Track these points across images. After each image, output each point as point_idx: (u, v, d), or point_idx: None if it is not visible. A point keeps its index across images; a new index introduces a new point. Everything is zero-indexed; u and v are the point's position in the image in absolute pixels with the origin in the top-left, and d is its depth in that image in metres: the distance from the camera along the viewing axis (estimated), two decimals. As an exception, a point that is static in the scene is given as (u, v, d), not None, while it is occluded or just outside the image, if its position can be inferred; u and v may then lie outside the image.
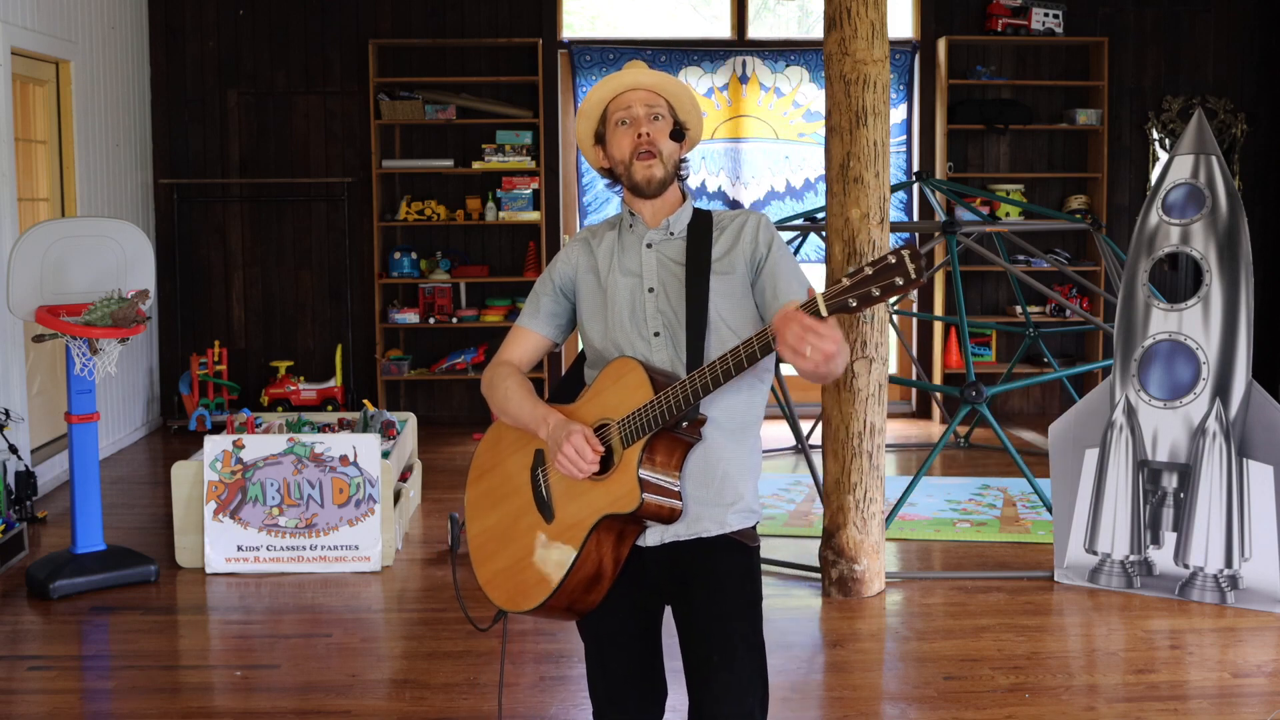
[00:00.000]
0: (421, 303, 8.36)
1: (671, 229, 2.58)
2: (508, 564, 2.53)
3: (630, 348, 2.51)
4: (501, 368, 2.64)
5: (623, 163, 2.56)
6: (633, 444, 2.37)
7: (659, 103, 2.58)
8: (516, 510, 2.54)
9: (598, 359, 2.58)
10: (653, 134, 2.53)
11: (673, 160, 2.56)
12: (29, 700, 3.96)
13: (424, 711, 3.84)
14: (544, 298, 2.66)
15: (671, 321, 2.51)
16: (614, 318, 2.55)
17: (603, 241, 2.63)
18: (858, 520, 4.80)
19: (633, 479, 2.35)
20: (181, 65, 8.30)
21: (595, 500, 2.40)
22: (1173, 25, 8.56)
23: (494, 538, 2.57)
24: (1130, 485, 4.87)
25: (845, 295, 2.09)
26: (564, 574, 2.41)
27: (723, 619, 2.48)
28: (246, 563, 5.19)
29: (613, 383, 2.44)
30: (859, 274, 2.09)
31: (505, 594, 2.52)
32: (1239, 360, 4.70)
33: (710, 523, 2.50)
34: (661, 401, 2.34)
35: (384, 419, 5.90)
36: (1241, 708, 3.87)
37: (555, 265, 2.67)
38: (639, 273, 2.56)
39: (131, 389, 7.90)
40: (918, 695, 3.97)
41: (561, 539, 2.44)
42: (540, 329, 2.67)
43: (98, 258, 5.11)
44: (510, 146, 8.22)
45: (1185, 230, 4.80)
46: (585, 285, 2.62)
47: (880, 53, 4.69)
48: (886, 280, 2.06)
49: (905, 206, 8.59)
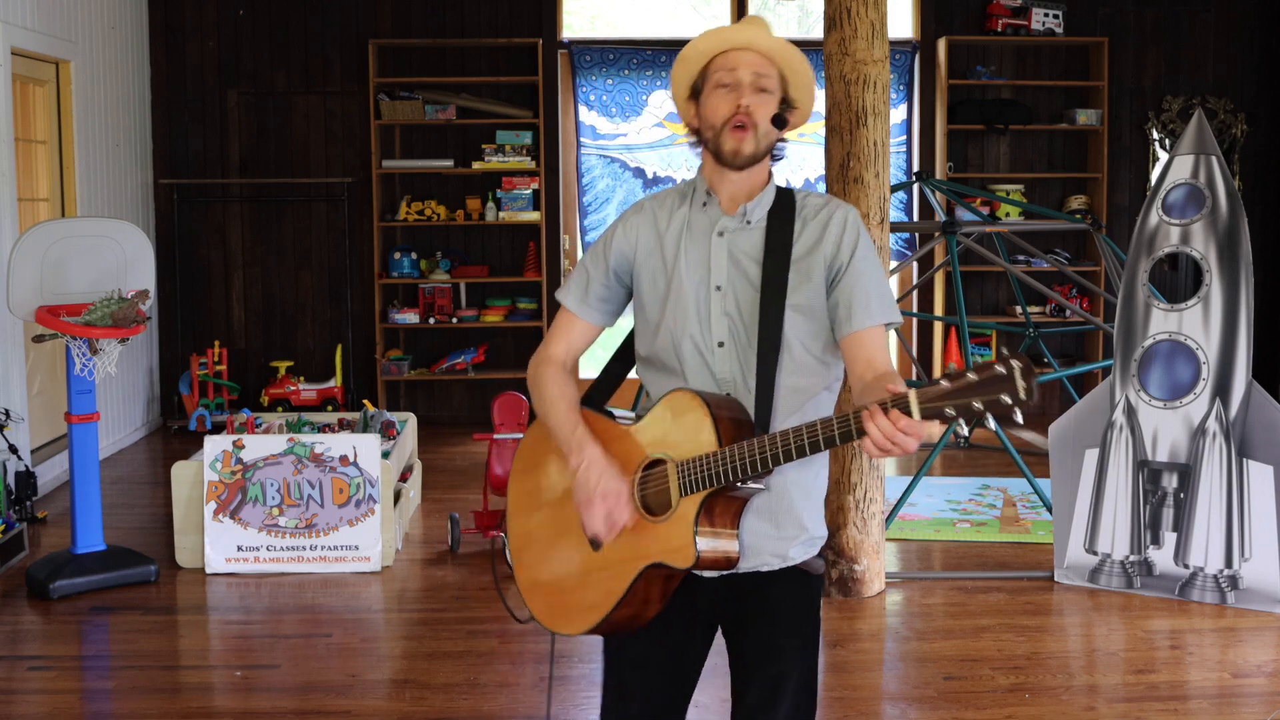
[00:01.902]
0: (421, 303, 8.36)
1: (749, 216, 2.26)
2: (549, 579, 2.35)
3: (693, 356, 2.25)
4: (546, 367, 2.35)
5: (713, 128, 2.24)
6: (691, 494, 2.13)
7: (770, 71, 2.24)
8: (561, 525, 2.33)
9: (655, 359, 2.31)
10: (753, 107, 2.21)
11: (769, 139, 2.24)
12: (29, 700, 3.96)
13: (424, 711, 3.84)
14: (595, 280, 2.34)
15: (738, 330, 2.24)
16: (678, 316, 2.25)
17: (672, 219, 2.30)
18: (858, 520, 4.80)
19: (688, 535, 2.12)
20: (181, 65, 8.30)
21: (646, 544, 2.19)
22: (1173, 25, 8.56)
23: (535, 545, 2.38)
24: (1130, 485, 4.87)
25: (943, 403, 1.87)
26: (611, 607, 2.22)
27: (774, 658, 2.30)
28: (246, 563, 5.19)
29: (673, 416, 2.18)
30: (961, 380, 1.86)
31: (545, 610, 2.35)
32: (1239, 360, 4.70)
33: (771, 556, 2.28)
34: (727, 459, 2.09)
35: (384, 419, 5.90)
36: (1241, 708, 3.87)
37: (612, 239, 2.33)
38: (706, 265, 2.26)
39: (131, 389, 7.90)
40: (918, 695, 3.97)
41: (609, 572, 2.23)
42: (591, 317, 2.36)
43: (98, 258, 5.11)
44: (510, 146, 8.22)
45: (1185, 230, 4.80)
46: (647, 269, 2.31)
47: (880, 53, 4.69)
48: (992, 396, 1.83)
49: (905, 206, 8.59)
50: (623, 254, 2.32)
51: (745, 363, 2.24)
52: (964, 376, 1.87)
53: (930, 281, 8.53)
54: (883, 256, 4.77)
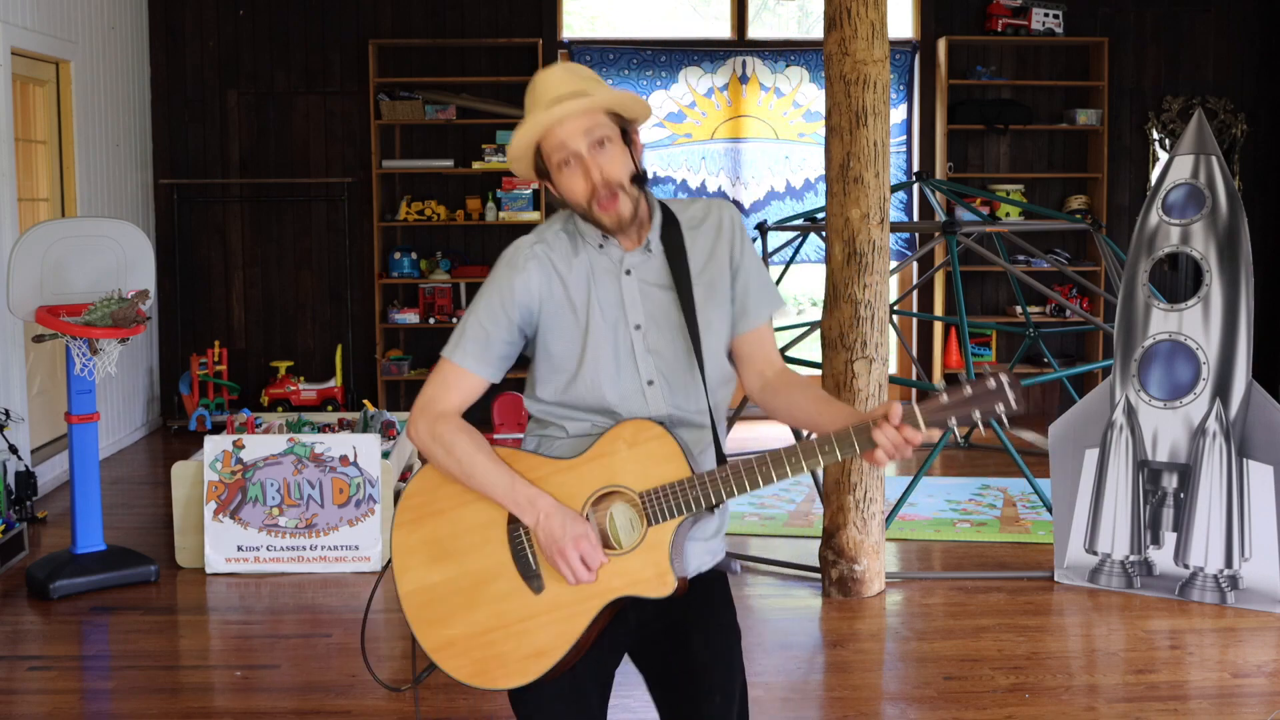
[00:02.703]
0: (421, 303, 8.36)
1: (650, 246, 2.21)
2: (473, 631, 2.18)
3: (621, 404, 2.19)
4: (444, 424, 2.20)
5: (581, 207, 2.16)
6: (660, 523, 2.11)
7: (597, 121, 2.13)
8: (485, 572, 2.18)
9: (573, 405, 2.22)
10: (605, 172, 2.12)
11: (632, 184, 2.15)
12: (29, 700, 3.96)
13: (424, 711, 3.83)
14: (495, 339, 2.21)
15: (665, 363, 2.20)
16: (600, 363, 2.18)
17: (573, 267, 2.20)
18: (858, 520, 4.80)
19: (664, 564, 2.11)
20: (181, 65, 8.30)
21: (607, 578, 2.13)
22: (1173, 25, 8.56)
23: (447, 598, 2.20)
24: (1130, 485, 4.87)
25: (946, 413, 2.08)
26: (565, 651, 2.14)
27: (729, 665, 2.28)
28: (246, 563, 5.19)
29: (628, 447, 2.13)
30: (958, 394, 2.08)
31: (470, 666, 2.18)
32: (1239, 360, 4.70)
33: (705, 556, 2.28)
34: (706, 484, 2.10)
35: (384, 419, 5.90)
36: (1241, 708, 3.87)
37: (511, 294, 2.19)
38: (620, 306, 2.20)
39: (131, 389, 7.90)
40: (918, 695, 3.97)
41: (558, 613, 2.15)
42: (487, 374, 2.23)
43: (98, 258, 5.11)
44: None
45: (1185, 230, 4.80)
46: (555, 322, 2.20)
47: (880, 53, 4.69)
48: (988, 406, 2.07)
49: (905, 206, 8.59)
50: (526, 308, 2.20)
51: (677, 397, 2.21)
52: (960, 390, 2.08)
53: (930, 281, 8.53)
54: (882, 257, 4.77)
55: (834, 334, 4.78)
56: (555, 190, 2.19)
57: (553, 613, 2.15)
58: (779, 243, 7.64)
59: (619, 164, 2.14)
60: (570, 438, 2.24)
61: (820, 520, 5.29)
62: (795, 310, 11.46)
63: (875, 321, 4.75)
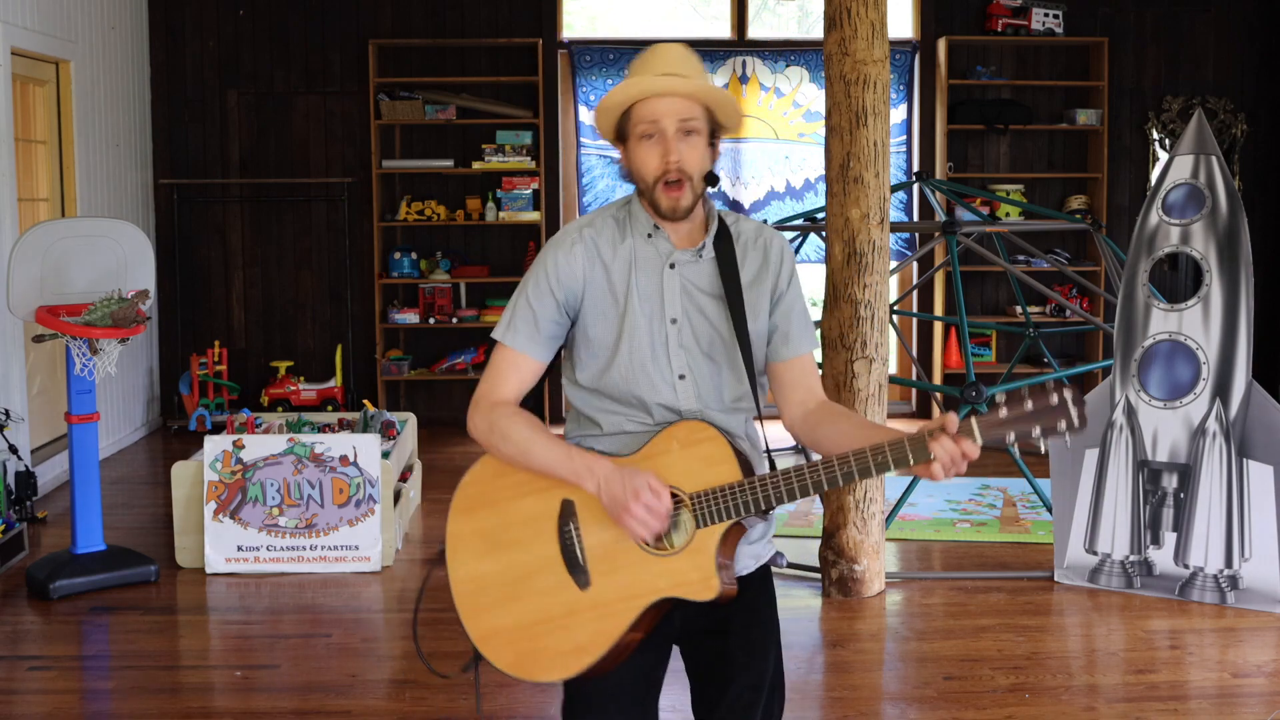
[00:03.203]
0: (421, 303, 8.36)
1: (702, 251, 2.24)
2: (518, 624, 2.21)
3: (652, 392, 2.20)
4: (502, 410, 2.21)
5: (644, 181, 2.19)
6: (709, 526, 2.10)
7: (694, 111, 2.17)
8: (532, 565, 2.20)
9: (607, 392, 2.24)
10: (683, 159, 2.15)
11: (703, 182, 2.19)
12: (29, 700, 3.96)
13: (424, 711, 3.84)
14: (544, 318, 2.22)
15: (697, 361, 2.22)
16: (634, 350, 2.20)
17: (617, 251, 2.23)
18: (858, 520, 4.80)
19: (709, 568, 2.10)
20: (181, 65, 8.30)
21: (651, 579, 2.12)
22: (1173, 25, 8.56)
23: (495, 589, 2.24)
24: (1130, 485, 4.87)
25: (1004, 429, 1.99)
26: (606, 649, 2.14)
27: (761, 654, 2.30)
28: (246, 563, 5.19)
29: (680, 447, 2.14)
30: (1019, 409, 1.98)
31: (514, 657, 2.21)
32: (1239, 360, 4.70)
33: (749, 560, 2.30)
34: (757, 489, 2.09)
35: (384, 419, 5.90)
36: (1241, 708, 3.87)
37: (555, 273, 2.22)
38: (659, 298, 2.21)
39: (131, 389, 7.90)
40: (918, 695, 3.97)
41: (601, 610, 2.14)
42: (541, 355, 2.24)
43: (98, 258, 5.11)
44: (510, 146, 8.22)
45: (1185, 230, 4.80)
46: (595, 303, 2.22)
47: (880, 53, 4.69)
48: (1050, 422, 1.97)
49: (905, 206, 8.59)
50: (570, 289, 2.22)
51: (705, 393, 2.23)
52: (1022, 405, 1.98)
53: (930, 281, 8.53)
54: (882, 257, 4.77)
55: (834, 334, 4.78)
56: (625, 159, 2.22)
57: (596, 609, 2.15)
58: (779, 243, 7.63)
59: (697, 157, 2.17)
60: (605, 435, 2.25)
61: (820, 520, 5.29)
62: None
63: (875, 321, 4.75)
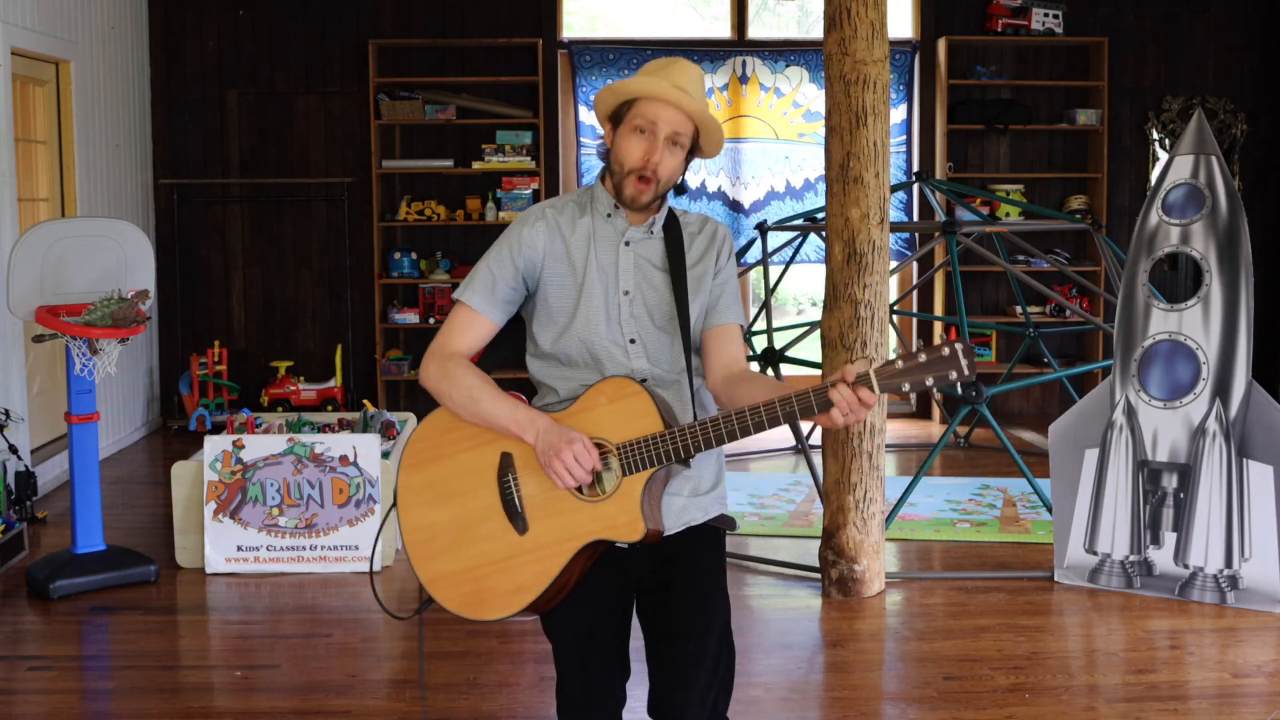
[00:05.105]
0: (421, 303, 8.36)
1: (652, 228, 2.50)
2: (462, 567, 2.41)
3: (606, 355, 2.43)
4: (454, 361, 2.44)
5: (620, 167, 2.44)
6: (634, 474, 2.31)
7: (686, 129, 2.44)
8: (475, 513, 2.41)
9: (557, 359, 2.48)
10: (661, 164, 2.42)
11: (665, 190, 2.46)
12: (29, 700, 3.96)
13: (427, 712, 3.83)
14: (501, 282, 2.46)
15: (646, 329, 2.45)
16: (589, 318, 2.44)
17: (576, 228, 2.48)
18: (858, 520, 4.80)
19: (635, 511, 2.31)
20: (181, 65, 8.30)
21: (584, 522, 2.33)
22: (1173, 25, 8.56)
23: (443, 536, 2.43)
24: (1130, 485, 4.87)
25: (900, 379, 2.19)
26: (545, 587, 2.35)
27: (703, 608, 2.46)
28: (246, 563, 5.19)
29: (608, 402, 2.35)
30: (913, 360, 2.18)
31: (460, 598, 2.41)
32: (1239, 360, 4.70)
33: (696, 511, 2.48)
34: (677, 438, 2.29)
35: (384, 419, 5.90)
36: (1241, 708, 3.87)
37: (517, 244, 2.47)
38: (614, 271, 2.46)
39: (131, 389, 7.90)
40: (918, 695, 3.97)
41: (539, 553, 2.35)
42: (494, 316, 2.48)
43: (98, 258, 5.11)
44: (510, 147, 8.23)
45: (1185, 230, 4.80)
46: (555, 276, 2.46)
47: (880, 53, 4.69)
48: (941, 372, 2.17)
49: (905, 206, 8.59)
50: (530, 259, 2.47)
51: (655, 357, 2.45)
52: (915, 357, 2.19)
53: (930, 281, 8.53)
54: (882, 257, 4.77)
55: (834, 334, 4.78)
56: (609, 140, 2.47)
57: (535, 552, 2.36)
58: (779, 243, 7.64)
59: (672, 167, 2.45)
60: (562, 400, 2.46)
61: (820, 520, 5.29)
62: (795, 310, 11.46)
63: (875, 321, 4.75)
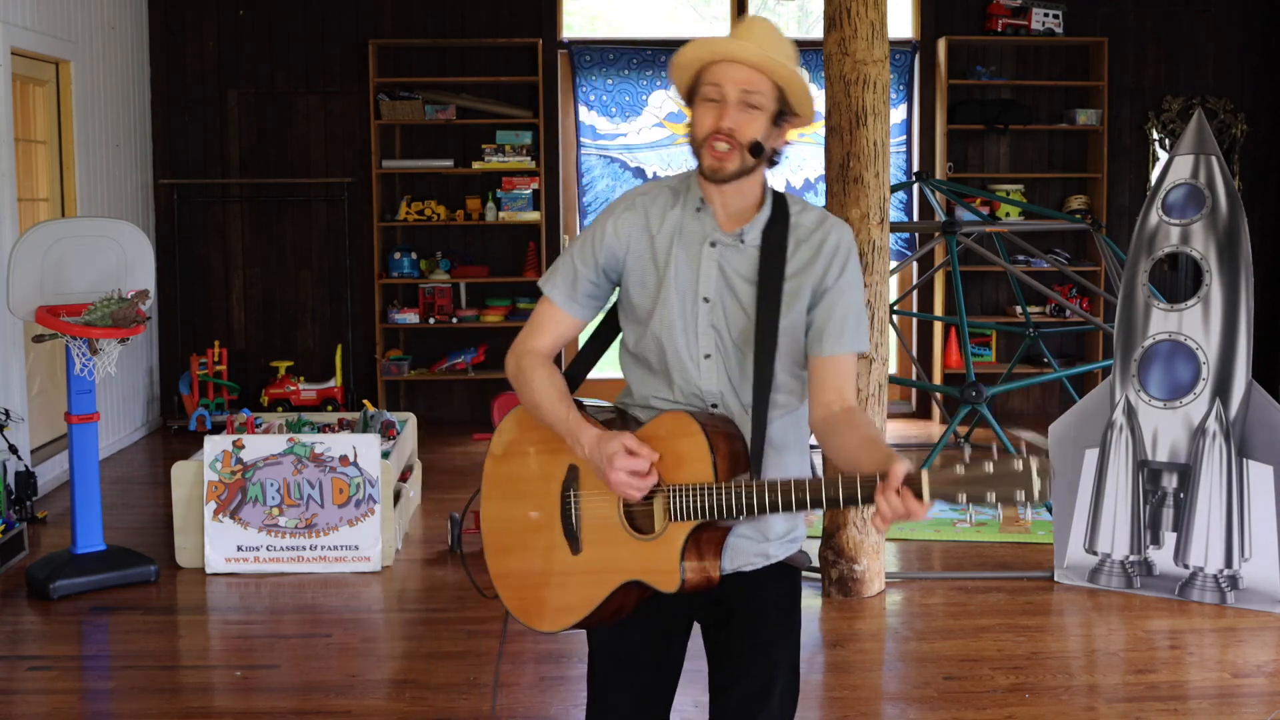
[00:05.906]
0: (421, 303, 8.36)
1: (744, 237, 2.21)
2: (522, 571, 2.32)
3: (678, 367, 2.21)
4: (531, 358, 2.30)
5: (695, 141, 2.18)
6: (680, 520, 2.11)
7: (760, 86, 2.14)
8: (538, 521, 2.29)
9: (641, 357, 2.28)
10: (736, 127, 2.12)
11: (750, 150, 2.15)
12: (29, 700, 3.96)
13: (424, 711, 3.84)
14: (583, 277, 2.26)
15: (724, 345, 2.21)
16: (665, 321, 2.21)
17: (665, 219, 2.23)
18: (858, 520, 4.80)
19: (674, 561, 2.11)
20: (181, 65, 8.30)
21: (627, 558, 2.17)
22: (1173, 25, 8.56)
23: (509, 534, 2.33)
24: (1130, 485, 4.87)
25: (958, 488, 1.87)
26: (589, 612, 2.23)
27: (765, 651, 2.29)
28: (246, 563, 5.19)
29: (667, 436, 2.14)
30: (977, 470, 1.86)
31: (517, 601, 2.32)
32: (1239, 360, 4.70)
33: (754, 556, 2.28)
34: (723, 495, 2.07)
35: (384, 419, 5.90)
36: (1241, 708, 3.87)
37: (601, 237, 2.25)
38: (695, 274, 2.21)
39: (131, 389, 7.90)
40: (918, 695, 3.97)
41: (588, 577, 2.22)
42: (576, 312, 2.29)
43: (98, 258, 5.11)
44: (510, 147, 8.22)
45: (1185, 230, 4.80)
46: (637, 270, 2.24)
47: (880, 53, 4.69)
48: (1007, 490, 1.84)
49: (905, 206, 8.59)
50: (613, 253, 2.25)
51: (731, 378, 2.22)
52: (981, 466, 1.86)
53: (930, 281, 8.53)
54: (882, 257, 4.77)
55: (834, 334, 4.77)
56: (690, 117, 2.21)
57: (584, 575, 2.23)
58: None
59: (753, 130, 2.14)
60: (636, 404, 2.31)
61: (820, 520, 5.30)
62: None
63: (875, 321, 4.75)
